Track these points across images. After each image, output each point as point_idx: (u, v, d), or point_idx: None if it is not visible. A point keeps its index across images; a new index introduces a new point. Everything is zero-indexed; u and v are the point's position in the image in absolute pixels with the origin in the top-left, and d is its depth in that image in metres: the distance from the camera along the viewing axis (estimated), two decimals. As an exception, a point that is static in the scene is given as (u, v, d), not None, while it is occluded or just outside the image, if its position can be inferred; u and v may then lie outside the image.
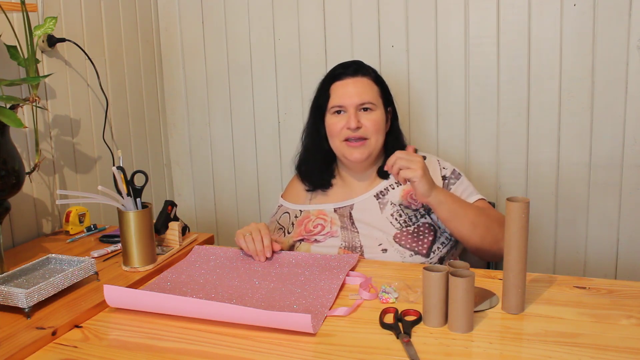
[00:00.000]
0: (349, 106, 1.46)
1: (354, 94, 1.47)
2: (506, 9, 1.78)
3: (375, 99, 1.48)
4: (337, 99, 1.48)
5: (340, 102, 1.48)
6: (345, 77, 1.49)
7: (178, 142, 2.28)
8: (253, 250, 1.35)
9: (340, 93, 1.48)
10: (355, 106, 1.46)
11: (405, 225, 1.45)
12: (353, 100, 1.46)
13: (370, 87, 1.49)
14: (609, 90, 1.73)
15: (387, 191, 1.51)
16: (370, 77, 1.51)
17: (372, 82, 1.50)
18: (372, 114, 1.47)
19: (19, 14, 1.54)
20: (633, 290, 1.15)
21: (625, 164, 1.76)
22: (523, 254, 1.06)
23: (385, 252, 1.42)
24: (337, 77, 1.51)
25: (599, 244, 1.83)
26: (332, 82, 1.51)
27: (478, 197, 1.49)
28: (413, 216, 1.46)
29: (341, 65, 1.54)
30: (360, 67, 1.52)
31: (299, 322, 1.00)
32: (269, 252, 1.35)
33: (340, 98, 1.48)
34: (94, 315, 1.13)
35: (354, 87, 1.47)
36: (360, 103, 1.46)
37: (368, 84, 1.49)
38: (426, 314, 1.03)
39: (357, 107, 1.46)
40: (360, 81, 1.48)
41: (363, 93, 1.47)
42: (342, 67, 1.53)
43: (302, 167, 1.61)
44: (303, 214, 1.56)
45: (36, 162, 1.53)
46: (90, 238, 1.59)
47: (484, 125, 1.88)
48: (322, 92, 1.53)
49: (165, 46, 2.20)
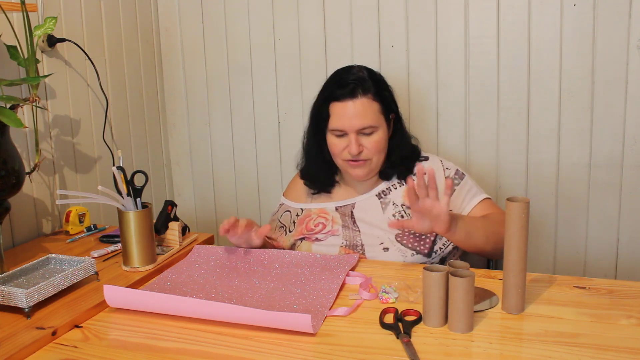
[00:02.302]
0: (349, 130, 1.42)
1: (354, 118, 1.41)
2: (506, 9, 1.78)
3: (375, 120, 1.43)
4: (337, 121, 1.44)
5: (340, 126, 1.43)
6: (344, 98, 1.43)
7: (178, 142, 2.28)
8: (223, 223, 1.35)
9: (340, 116, 1.43)
10: (355, 130, 1.42)
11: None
12: (353, 124, 1.41)
13: (370, 108, 1.43)
14: (609, 90, 1.73)
15: (389, 191, 1.51)
16: (370, 93, 1.44)
17: (372, 99, 1.44)
18: (374, 135, 1.44)
19: (19, 14, 1.54)
20: (633, 290, 1.15)
21: (625, 164, 1.76)
22: (523, 254, 1.06)
23: (387, 250, 1.42)
24: (335, 97, 1.45)
25: (599, 244, 1.83)
26: (330, 101, 1.46)
27: (483, 196, 1.48)
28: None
29: (339, 84, 1.45)
30: (358, 85, 1.43)
31: (299, 322, 1.00)
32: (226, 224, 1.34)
33: (341, 122, 1.43)
34: (94, 315, 1.13)
35: (354, 109, 1.42)
36: (361, 127, 1.42)
37: (368, 105, 1.43)
38: (426, 314, 1.03)
39: (358, 131, 1.43)
40: (360, 103, 1.42)
41: (363, 117, 1.41)
42: (340, 85, 1.44)
43: (305, 174, 1.60)
44: (304, 212, 1.56)
45: (36, 162, 1.54)
46: (90, 238, 1.59)
47: (484, 125, 1.88)
48: (321, 110, 1.48)
49: (165, 46, 2.20)
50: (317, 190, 1.58)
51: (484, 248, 1.37)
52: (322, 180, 1.57)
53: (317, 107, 1.51)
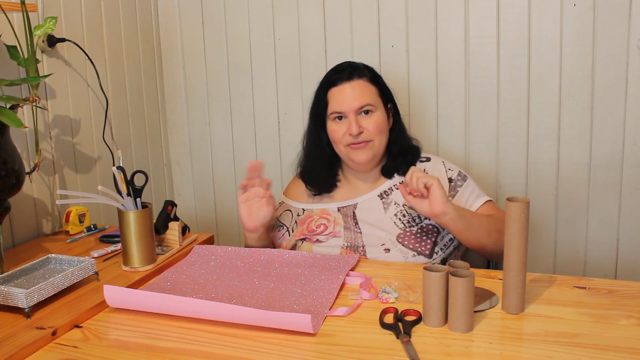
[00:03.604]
0: (348, 112, 1.45)
1: (352, 98, 1.45)
2: (506, 9, 1.78)
3: (374, 100, 1.47)
4: (336, 105, 1.47)
5: (339, 108, 1.46)
6: (341, 82, 1.47)
7: (178, 142, 2.28)
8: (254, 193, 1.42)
9: (338, 99, 1.46)
10: (354, 111, 1.44)
11: (409, 225, 1.45)
12: (352, 105, 1.44)
13: (367, 89, 1.47)
14: (609, 90, 1.73)
15: (391, 191, 1.51)
16: (367, 77, 1.48)
17: (369, 82, 1.48)
18: (373, 115, 1.46)
19: (19, 14, 1.54)
20: (633, 290, 1.15)
21: (625, 164, 1.76)
22: (523, 254, 1.06)
23: (388, 252, 1.42)
24: (332, 82, 1.49)
25: (599, 244, 1.83)
26: (328, 88, 1.49)
27: (485, 199, 1.49)
28: (417, 217, 1.46)
29: (335, 70, 1.52)
30: (355, 69, 1.49)
31: (299, 322, 1.00)
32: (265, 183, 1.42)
33: (339, 104, 1.46)
34: (94, 315, 1.13)
35: (351, 91, 1.45)
36: (359, 107, 1.45)
37: (365, 86, 1.47)
38: (426, 314, 1.03)
39: (357, 112, 1.45)
40: (357, 84, 1.46)
41: (361, 96, 1.45)
42: (337, 71, 1.50)
43: (306, 175, 1.60)
44: (306, 212, 1.55)
45: (36, 162, 1.53)
46: (90, 238, 1.59)
47: (484, 125, 1.88)
48: (320, 99, 1.51)
49: (165, 46, 2.20)
50: (318, 192, 1.57)
51: (485, 244, 1.38)
52: (323, 179, 1.56)
53: (316, 98, 1.54)
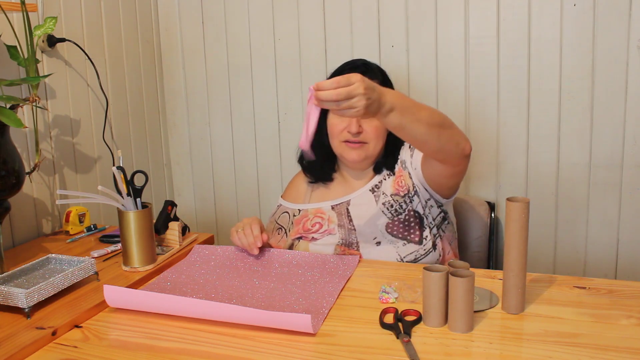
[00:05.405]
0: None
1: None
2: (506, 9, 1.78)
3: None
4: None
5: None
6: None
7: (178, 142, 2.28)
8: (246, 244, 1.36)
9: None
10: None
11: (397, 214, 1.45)
12: None
13: None
14: (609, 90, 1.73)
15: (380, 183, 1.52)
16: (378, 80, 1.44)
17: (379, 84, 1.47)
18: (374, 120, 1.45)
19: (19, 14, 1.54)
20: (633, 290, 1.15)
21: (625, 164, 1.76)
22: (523, 254, 1.06)
23: (379, 244, 1.43)
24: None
25: (599, 244, 1.83)
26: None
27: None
28: (403, 202, 1.46)
29: (349, 65, 1.51)
30: (368, 69, 1.48)
31: (299, 322, 1.00)
32: (259, 241, 1.35)
33: None
34: (94, 315, 1.13)
35: None
36: None
37: None
38: (426, 314, 1.03)
39: None
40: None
41: None
42: (351, 67, 1.50)
43: (304, 161, 1.61)
44: (302, 212, 1.57)
45: (36, 162, 1.53)
46: (90, 238, 1.59)
47: (484, 125, 1.88)
48: None
49: (165, 46, 2.20)
50: (315, 180, 1.58)
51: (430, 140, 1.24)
52: (320, 167, 1.57)
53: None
